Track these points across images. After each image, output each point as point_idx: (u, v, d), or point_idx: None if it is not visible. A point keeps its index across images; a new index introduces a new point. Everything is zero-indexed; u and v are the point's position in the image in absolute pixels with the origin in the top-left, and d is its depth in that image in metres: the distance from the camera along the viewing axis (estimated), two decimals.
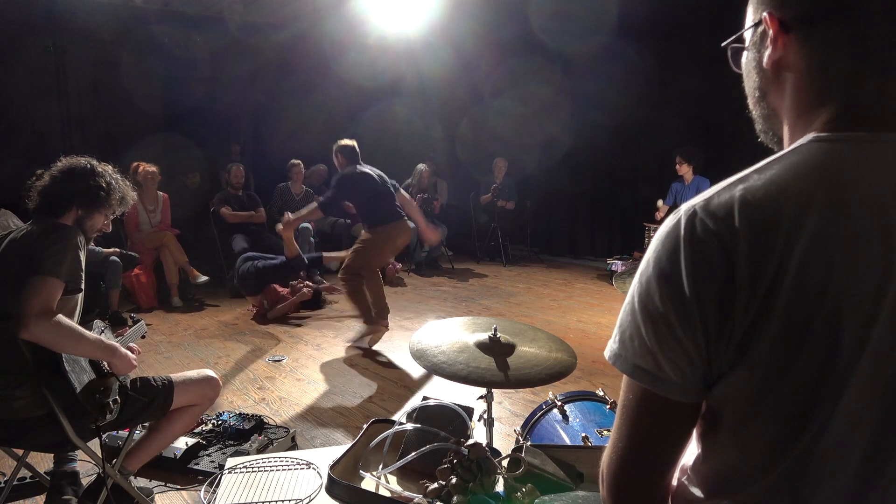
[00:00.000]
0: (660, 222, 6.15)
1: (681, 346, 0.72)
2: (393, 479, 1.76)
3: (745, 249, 0.68)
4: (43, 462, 2.58)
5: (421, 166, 7.86)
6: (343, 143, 4.99)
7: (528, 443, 1.65)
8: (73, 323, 1.87)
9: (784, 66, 0.78)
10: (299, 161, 7.21)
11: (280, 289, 5.57)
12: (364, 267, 4.70)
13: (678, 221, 0.73)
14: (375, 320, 4.63)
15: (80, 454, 2.24)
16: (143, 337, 2.36)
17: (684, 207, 0.74)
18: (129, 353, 2.05)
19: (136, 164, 5.88)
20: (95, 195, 2.14)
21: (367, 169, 4.92)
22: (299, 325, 5.17)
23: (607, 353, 0.80)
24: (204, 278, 5.85)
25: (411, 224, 5.03)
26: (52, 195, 2.10)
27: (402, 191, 5.08)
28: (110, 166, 2.26)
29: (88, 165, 2.17)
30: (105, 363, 2.03)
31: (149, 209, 5.96)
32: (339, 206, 5.03)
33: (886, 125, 0.73)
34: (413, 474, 1.74)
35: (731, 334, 0.69)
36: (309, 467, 2.35)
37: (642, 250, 6.62)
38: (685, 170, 6.29)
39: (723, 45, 0.89)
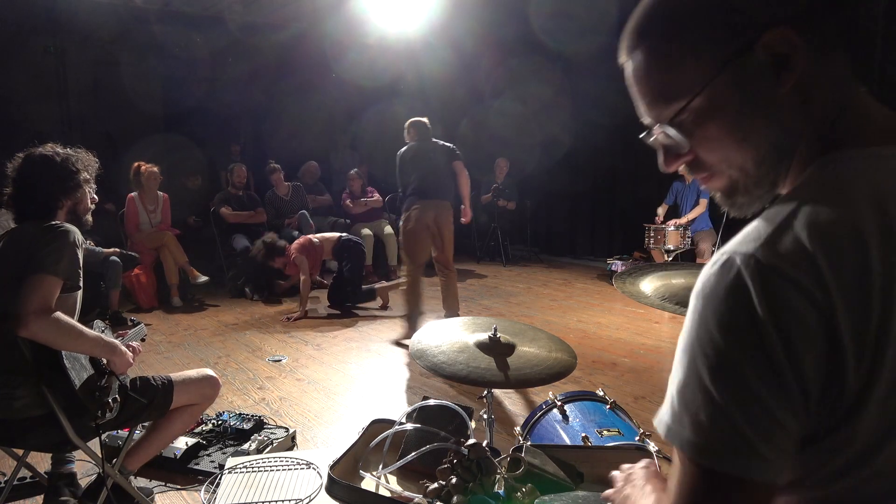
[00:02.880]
0: (661, 225, 6.14)
1: (778, 423, 0.60)
2: (393, 479, 1.76)
3: (839, 296, 0.58)
4: (43, 462, 2.58)
5: None
6: (413, 119, 4.98)
7: (528, 443, 1.65)
8: (71, 320, 1.87)
9: (803, 85, 0.67)
10: (277, 165, 7.21)
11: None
12: (408, 258, 4.74)
13: (737, 274, 0.61)
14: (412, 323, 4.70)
15: (78, 455, 2.24)
16: (142, 340, 2.36)
17: (735, 258, 0.62)
18: (128, 351, 2.06)
19: (137, 163, 5.89)
20: (72, 179, 2.13)
21: (413, 145, 4.84)
22: (299, 326, 5.17)
23: (679, 442, 0.64)
24: (204, 278, 5.85)
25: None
26: (37, 201, 2.08)
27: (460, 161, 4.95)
28: (51, 144, 2.18)
29: (47, 155, 2.11)
30: (105, 362, 2.03)
31: (149, 209, 5.96)
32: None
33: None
34: (413, 474, 1.74)
35: (838, 395, 0.60)
36: (309, 467, 2.35)
37: (642, 250, 6.62)
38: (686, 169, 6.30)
39: (673, 120, 0.72)
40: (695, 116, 0.71)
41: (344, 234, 5.95)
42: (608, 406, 2.12)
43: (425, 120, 4.94)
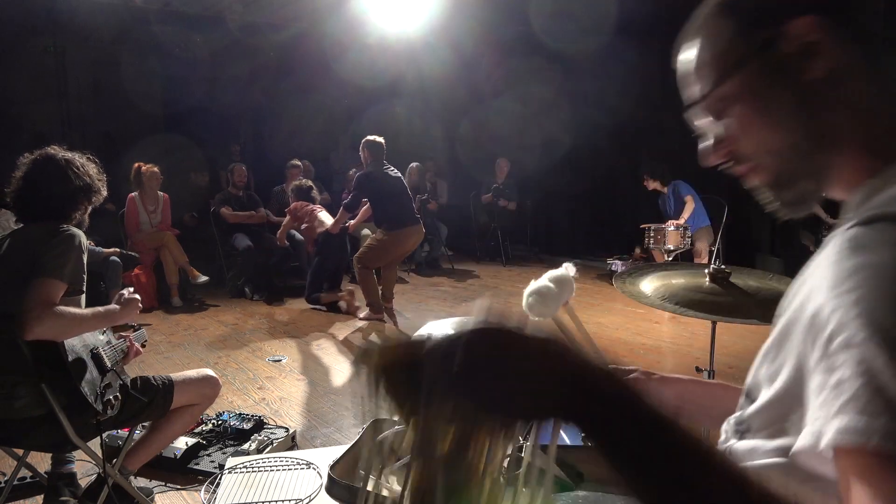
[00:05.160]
0: (649, 230, 6.11)
1: None
2: (393, 479, 1.76)
3: None
4: (43, 462, 2.58)
5: (413, 164, 7.85)
6: (371, 140, 5.21)
7: (529, 443, 1.65)
8: (70, 308, 1.88)
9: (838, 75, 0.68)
10: (299, 162, 7.20)
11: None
12: (373, 262, 5.18)
13: None
14: (379, 309, 5.21)
15: (78, 455, 2.25)
16: (143, 345, 2.36)
17: None
18: (133, 297, 2.07)
19: (138, 164, 5.89)
20: (92, 188, 2.15)
21: (388, 169, 5.16)
22: (299, 326, 5.17)
23: (874, 441, 0.49)
24: (204, 278, 5.85)
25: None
26: (51, 204, 2.07)
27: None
28: (55, 147, 2.17)
29: (71, 161, 2.12)
30: (106, 360, 2.03)
31: (149, 209, 5.96)
32: (361, 204, 5.38)
33: None
34: None
35: None
36: (309, 467, 2.35)
37: (643, 250, 6.62)
38: (654, 184, 6.42)
39: (705, 99, 0.75)
40: (726, 100, 0.73)
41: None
42: None
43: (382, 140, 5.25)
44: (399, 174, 5.27)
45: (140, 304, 2.10)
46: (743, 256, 5.67)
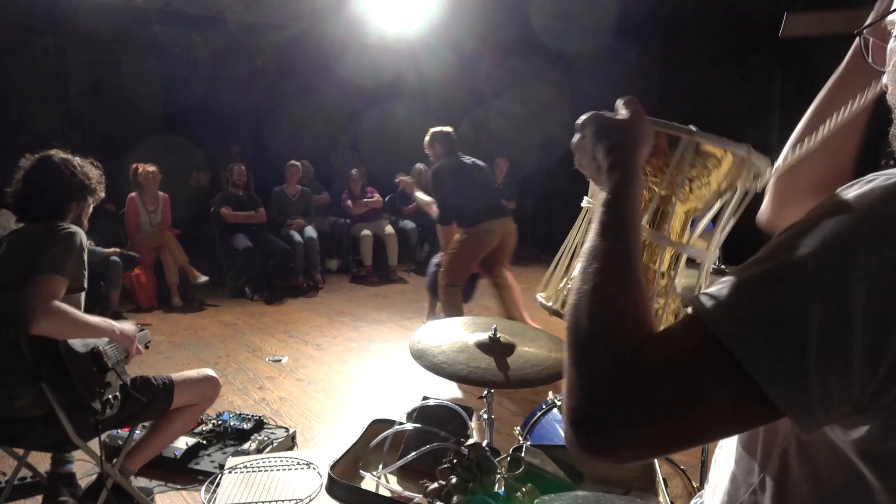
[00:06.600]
0: None
1: (847, 371, 0.50)
2: (393, 479, 1.76)
3: None
4: (43, 462, 2.58)
5: (419, 165, 7.85)
6: (439, 131, 4.50)
7: (528, 443, 1.65)
8: (73, 308, 1.88)
9: None
10: (297, 163, 7.20)
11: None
12: (461, 272, 4.38)
13: None
14: None
15: (78, 455, 2.25)
16: (146, 346, 2.36)
17: None
18: (128, 329, 2.07)
19: (134, 165, 5.89)
20: (87, 187, 2.16)
21: (463, 158, 4.47)
22: (299, 325, 5.17)
23: (718, 327, 0.55)
24: (204, 278, 5.86)
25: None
26: (47, 203, 2.09)
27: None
28: (56, 150, 2.20)
29: (67, 160, 2.14)
30: (107, 359, 2.04)
31: (149, 209, 5.96)
32: (451, 207, 4.42)
33: None
34: (413, 474, 1.74)
35: None
36: (309, 467, 2.36)
37: None
38: None
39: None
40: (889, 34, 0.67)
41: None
42: None
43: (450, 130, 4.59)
44: (475, 161, 4.51)
45: (138, 348, 2.10)
46: (743, 256, 5.68)
